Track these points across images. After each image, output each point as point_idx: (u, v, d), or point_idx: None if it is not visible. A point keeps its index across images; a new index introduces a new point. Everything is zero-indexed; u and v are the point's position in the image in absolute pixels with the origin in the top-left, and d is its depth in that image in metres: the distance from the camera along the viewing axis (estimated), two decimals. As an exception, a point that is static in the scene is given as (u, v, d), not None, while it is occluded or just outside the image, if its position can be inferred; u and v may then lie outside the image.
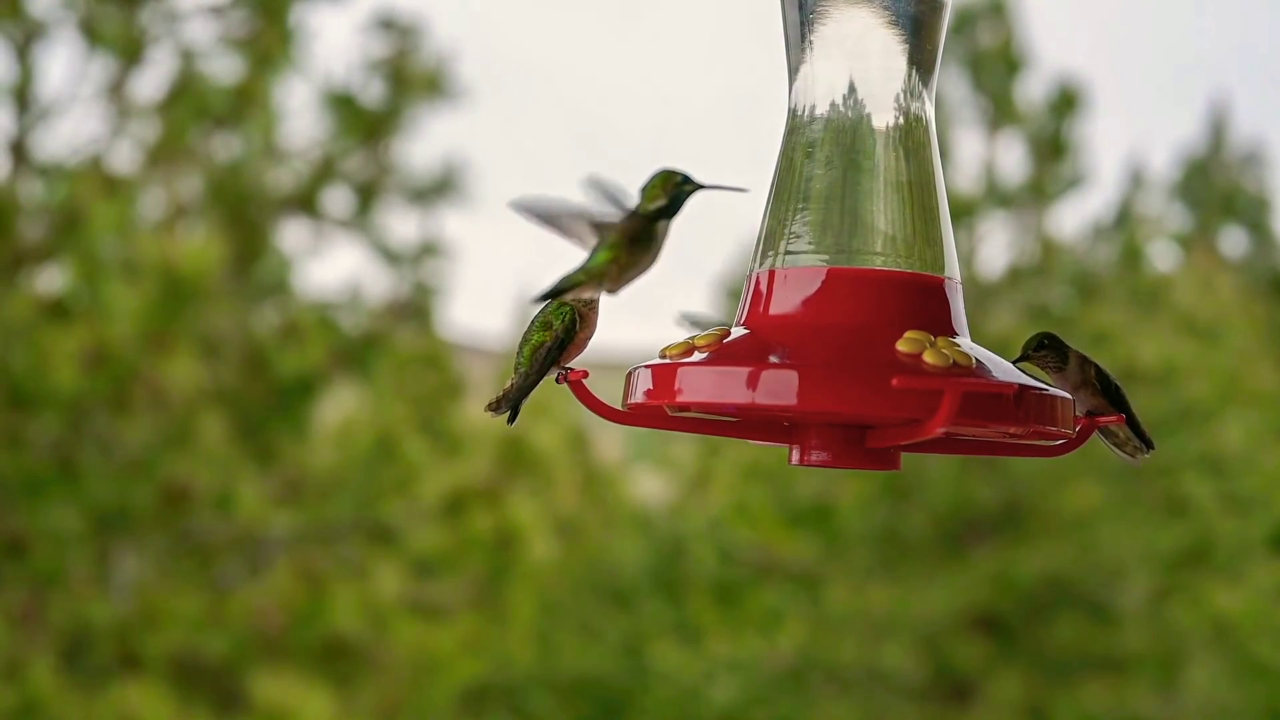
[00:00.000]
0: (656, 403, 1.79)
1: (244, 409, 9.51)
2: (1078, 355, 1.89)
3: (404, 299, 10.67)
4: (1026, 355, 1.87)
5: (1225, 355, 13.35)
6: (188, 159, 9.77)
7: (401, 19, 10.44)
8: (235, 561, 9.65)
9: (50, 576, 8.79)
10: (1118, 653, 11.76)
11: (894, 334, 1.74)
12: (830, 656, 11.87)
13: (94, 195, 8.78)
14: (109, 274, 8.74)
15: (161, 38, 9.40)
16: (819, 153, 1.86)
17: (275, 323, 9.92)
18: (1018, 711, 11.63)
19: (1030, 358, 1.87)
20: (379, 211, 10.49)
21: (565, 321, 1.83)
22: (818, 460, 1.84)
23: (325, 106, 10.29)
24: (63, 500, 8.72)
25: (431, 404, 10.77)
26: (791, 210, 1.85)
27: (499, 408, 1.84)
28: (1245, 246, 17.45)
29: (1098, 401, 1.89)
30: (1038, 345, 1.88)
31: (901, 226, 1.84)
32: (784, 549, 12.29)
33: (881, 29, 1.86)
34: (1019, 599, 11.82)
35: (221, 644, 9.14)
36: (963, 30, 12.76)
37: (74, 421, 8.87)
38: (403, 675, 9.98)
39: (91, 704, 8.59)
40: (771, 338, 1.80)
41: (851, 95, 1.86)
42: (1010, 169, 12.82)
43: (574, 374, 1.83)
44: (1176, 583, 12.02)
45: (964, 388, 1.65)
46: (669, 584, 12.79)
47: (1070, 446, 1.88)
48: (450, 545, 10.21)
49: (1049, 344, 1.88)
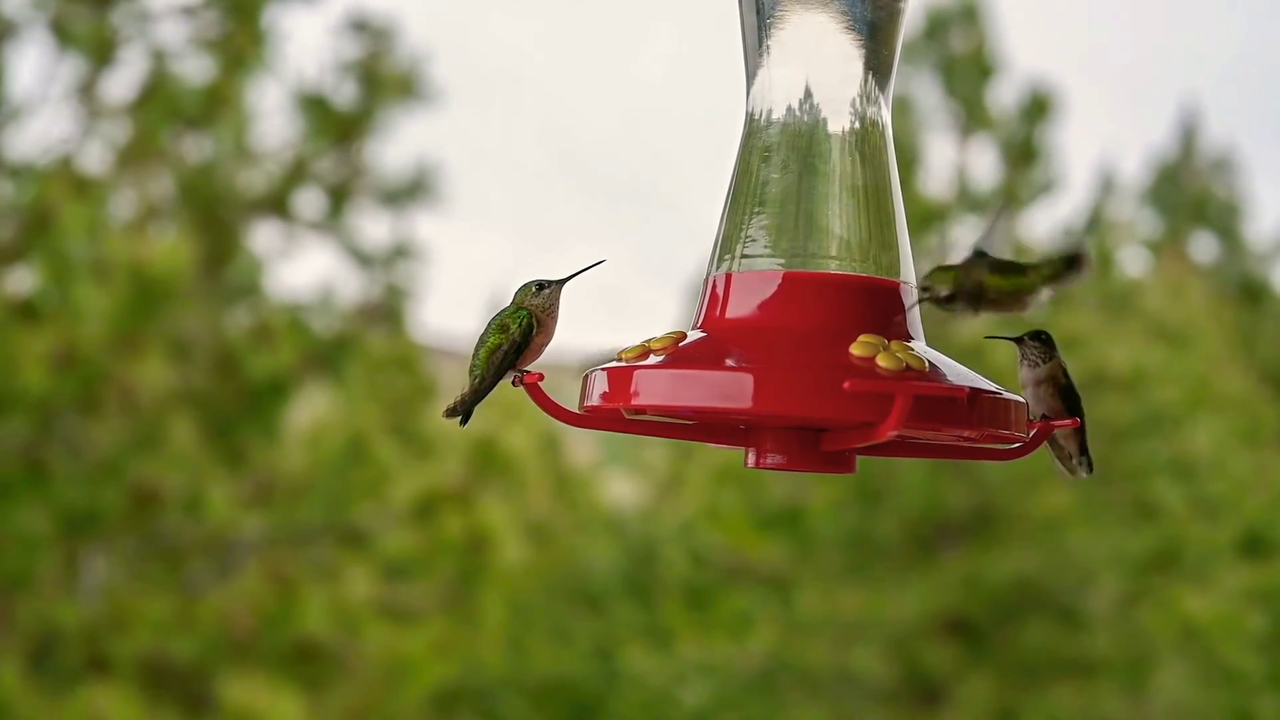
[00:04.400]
0: (613, 405, 1.79)
1: (214, 411, 9.49)
2: (1059, 363, 1.92)
3: (376, 301, 10.66)
4: (1020, 338, 1.92)
5: (1195, 360, 13.41)
6: (159, 160, 9.75)
7: (374, 21, 10.43)
8: (205, 564, 9.63)
9: (18, 578, 8.75)
10: (1087, 656, 11.79)
11: (848, 337, 1.75)
12: (801, 660, 11.89)
13: (64, 196, 8.75)
14: (79, 275, 8.72)
15: (132, 38, 9.38)
16: (775, 157, 1.86)
17: (246, 324, 9.89)
18: (988, 714, 11.66)
19: (1023, 340, 1.92)
20: (351, 213, 10.48)
21: (522, 325, 1.84)
22: (773, 463, 1.84)
23: (297, 108, 10.27)
24: (31, 502, 8.69)
25: (403, 406, 10.76)
26: (748, 214, 1.86)
27: (454, 411, 1.84)
28: (1215, 252, 17.53)
29: (1055, 405, 1.91)
30: (1034, 335, 1.93)
31: (857, 230, 1.85)
32: (755, 553, 12.30)
33: (838, 34, 1.86)
34: (989, 603, 11.85)
35: (191, 646, 9.12)
36: (935, 35, 12.80)
37: (43, 423, 8.84)
38: (373, 678, 9.97)
39: (59, 706, 8.56)
40: (727, 341, 1.81)
41: (808, 100, 1.87)
42: (982, 174, 12.87)
43: (529, 377, 1.83)
44: (1145, 587, 12.07)
45: (916, 391, 1.66)
46: (640, 587, 12.79)
47: (1025, 450, 1.89)
48: (421, 548, 10.21)
49: (1043, 340, 1.92)
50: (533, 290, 1.87)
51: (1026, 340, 1.93)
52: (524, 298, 1.86)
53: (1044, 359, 1.92)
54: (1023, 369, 1.92)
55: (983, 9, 12.90)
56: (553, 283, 1.87)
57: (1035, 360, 1.92)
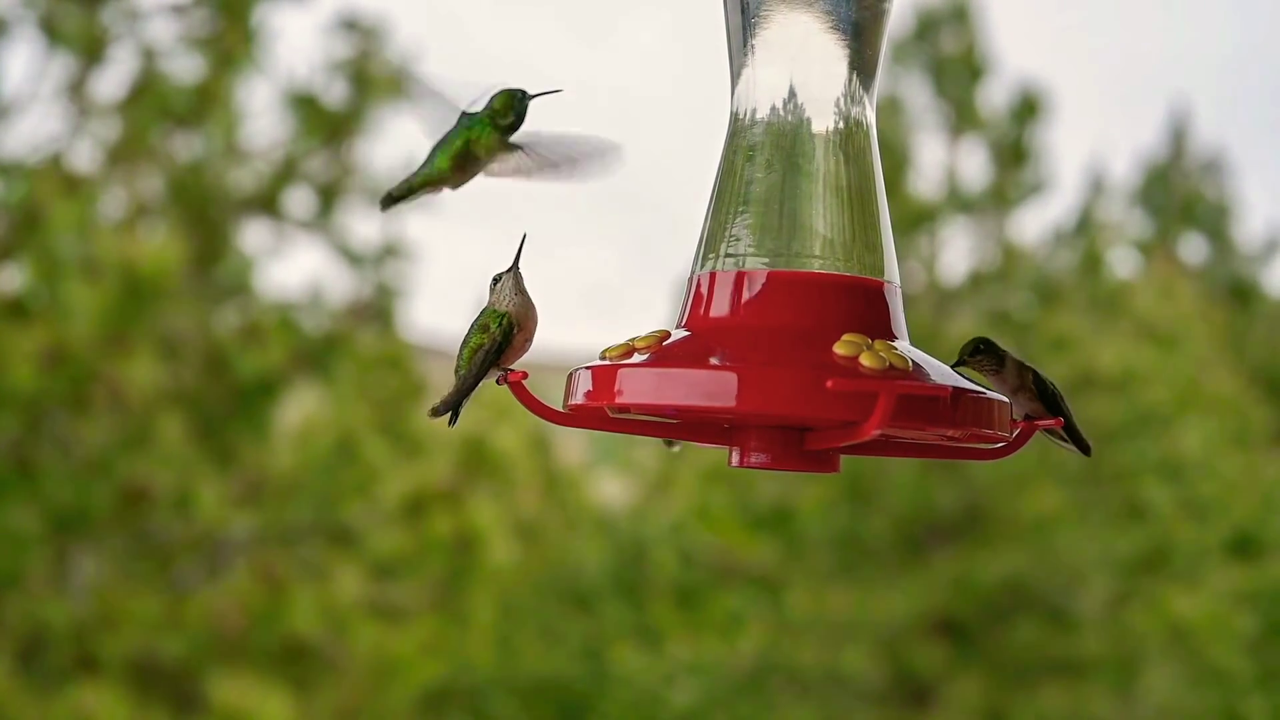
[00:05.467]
0: (596, 404, 1.80)
1: (204, 410, 9.48)
2: (1015, 360, 1.90)
3: (365, 300, 10.64)
4: (963, 360, 1.89)
5: (1184, 361, 13.44)
6: (148, 158, 9.73)
7: (365, 19, 10.42)
8: (194, 563, 9.62)
9: (7, 577, 8.74)
10: (1076, 657, 11.81)
11: (832, 337, 1.75)
12: (790, 660, 11.90)
13: (54, 194, 8.74)
14: (68, 273, 8.70)
15: (122, 36, 9.36)
16: (759, 156, 1.87)
17: (236, 323, 9.88)
18: (977, 715, 11.68)
19: (967, 362, 1.89)
20: (341, 212, 10.46)
21: (502, 325, 1.85)
22: (757, 462, 1.85)
23: (287, 107, 10.26)
24: (20, 500, 8.67)
25: (392, 406, 10.75)
26: (732, 213, 1.87)
27: (439, 411, 1.84)
28: (1205, 253, 17.56)
29: (1036, 406, 1.91)
30: (973, 350, 1.89)
31: (841, 230, 1.85)
32: (745, 552, 12.32)
33: (823, 34, 1.87)
34: (978, 603, 11.86)
35: (180, 645, 9.11)
36: (925, 36, 12.82)
37: (32, 421, 8.82)
38: (362, 677, 9.96)
39: (48, 705, 8.55)
40: (711, 340, 1.81)
41: (792, 100, 1.87)
42: (972, 175, 12.89)
43: (513, 375, 1.83)
44: (1135, 587, 12.10)
45: (899, 390, 1.66)
46: (630, 587, 12.80)
47: (1009, 449, 1.89)
48: (410, 547, 10.20)
49: (984, 349, 1.89)
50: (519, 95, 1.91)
51: (969, 360, 1.89)
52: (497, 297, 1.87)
53: (998, 364, 1.89)
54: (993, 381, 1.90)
55: (972, 9, 12.93)
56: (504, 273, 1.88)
57: (993, 367, 1.89)
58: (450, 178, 1.97)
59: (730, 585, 12.38)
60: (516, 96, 1.93)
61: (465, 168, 1.96)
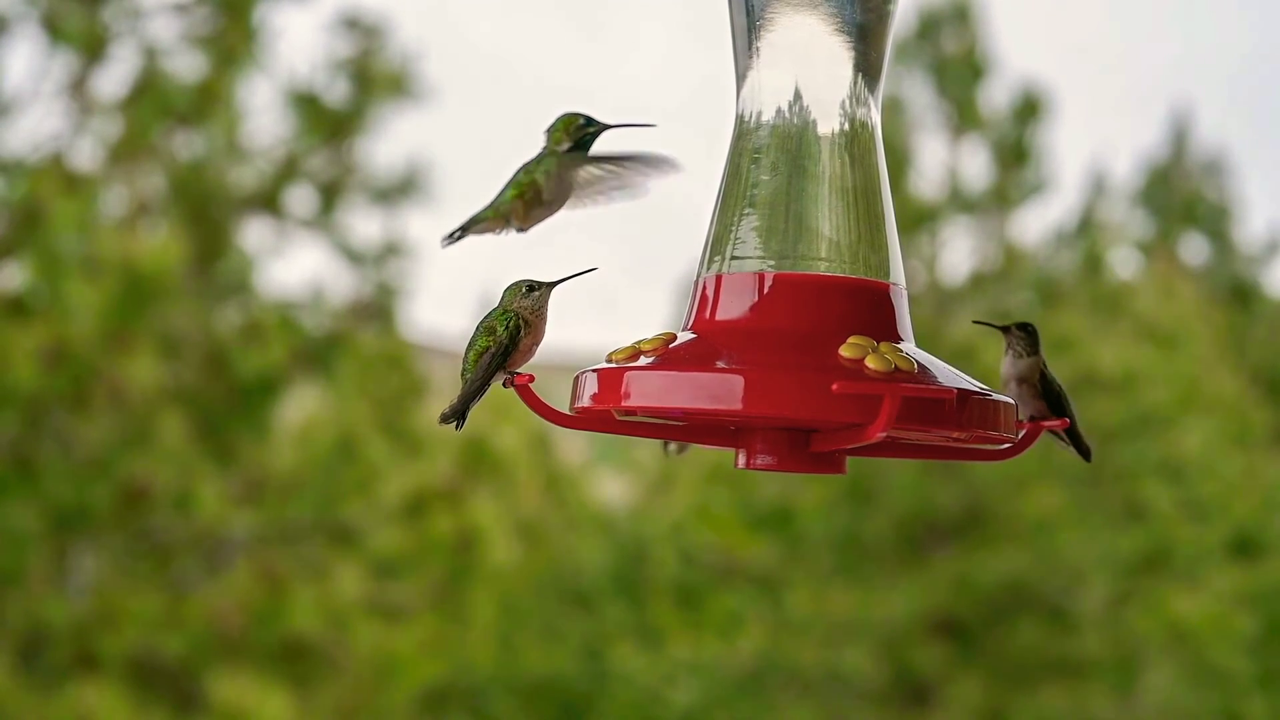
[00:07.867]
0: (603, 407, 1.80)
1: (205, 408, 9.47)
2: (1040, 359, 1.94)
3: (366, 299, 10.64)
4: (1008, 327, 1.96)
5: (1185, 362, 13.43)
6: (150, 157, 9.73)
7: (366, 18, 10.42)
8: (194, 561, 9.61)
9: (8, 576, 8.74)
10: (1076, 657, 11.81)
11: (838, 339, 1.75)
12: (791, 659, 11.89)
13: (55, 192, 8.73)
14: (69, 271, 8.70)
15: (124, 35, 9.36)
16: (765, 159, 1.87)
17: (237, 322, 9.88)
18: (977, 715, 11.67)
19: (1010, 330, 1.95)
20: (342, 211, 10.46)
21: (509, 328, 1.84)
22: (763, 464, 1.85)
23: (289, 105, 10.25)
24: (21, 499, 8.67)
25: (393, 405, 10.75)
26: (737, 215, 1.87)
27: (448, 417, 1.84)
28: (1206, 254, 17.56)
29: (1039, 404, 1.93)
30: (1021, 325, 1.96)
31: (846, 232, 1.85)
32: (745, 552, 12.31)
33: (828, 36, 1.87)
34: (979, 603, 11.86)
35: (180, 644, 9.10)
36: (927, 36, 12.81)
37: (33, 420, 8.82)
38: (362, 676, 9.95)
39: (48, 704, 8.55)
40: (717, 342, 1.82)
41: (798, 102, 1.87)
42: (973, 175, 12.88)
43: (520, 378, 1.83)
44: (1135, 588, 12.09)
45: (904, 392, 1.66)
46: (630, 586, 12.79)
47: (1014, 451, 1.89)
48: (411, 546, 10.19)
49: (1029, 332, 1.95)
50: (522, 291, 1.87)
51: (1014, 330, 1.95)
52: (513, 299, 1.86)
53: (1028, 351, 1.94)
54: (1006, 360, 1.94)
55: (974, 10, 12.92)
56: (543, 285, 1.87)
57: (1020, 351, 1.94)
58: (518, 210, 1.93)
59: (730, 585, 12.37)
60: (578, 122, 1.91)
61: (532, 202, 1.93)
